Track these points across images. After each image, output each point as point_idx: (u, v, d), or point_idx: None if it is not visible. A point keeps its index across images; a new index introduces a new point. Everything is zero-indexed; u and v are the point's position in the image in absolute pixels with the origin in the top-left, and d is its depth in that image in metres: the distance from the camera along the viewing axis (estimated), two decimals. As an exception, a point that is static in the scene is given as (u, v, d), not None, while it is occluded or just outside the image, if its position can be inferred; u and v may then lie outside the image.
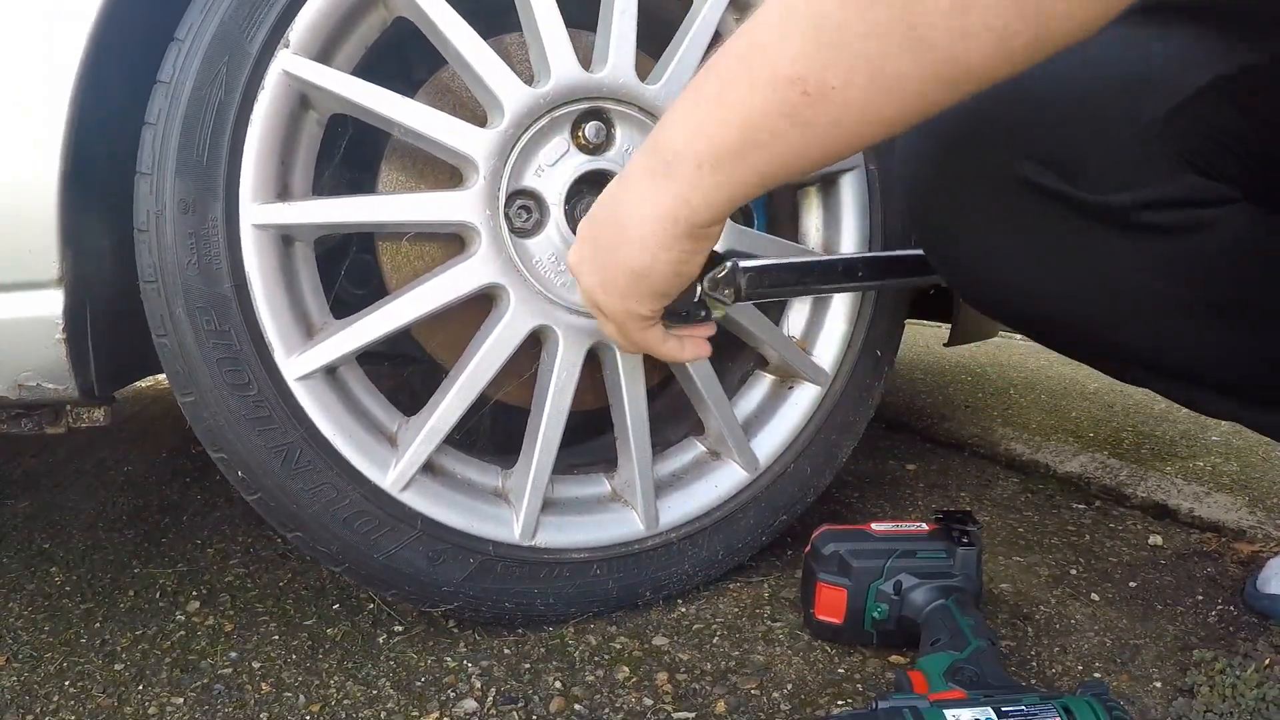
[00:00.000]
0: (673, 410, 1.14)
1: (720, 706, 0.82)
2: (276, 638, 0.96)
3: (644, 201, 0.63)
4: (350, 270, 1.04)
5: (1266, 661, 0.86)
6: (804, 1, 0.50)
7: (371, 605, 1.02)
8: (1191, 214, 0.70)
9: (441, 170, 0.99)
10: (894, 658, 0.90)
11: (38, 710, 0.83)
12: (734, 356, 1.15)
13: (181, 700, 0.84)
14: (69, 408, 0.91)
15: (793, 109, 0.52)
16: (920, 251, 0.88)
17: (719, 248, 0.74)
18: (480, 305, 0.92)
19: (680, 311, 0.77)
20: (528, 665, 0.90)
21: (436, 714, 0.82)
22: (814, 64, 0.50)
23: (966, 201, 0.76)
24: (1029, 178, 0.70)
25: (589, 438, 1.15)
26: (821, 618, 0.91)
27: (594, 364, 0.96)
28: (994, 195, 0.74)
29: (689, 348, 0.79)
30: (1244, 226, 0.71)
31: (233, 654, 0.92)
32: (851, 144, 0.54)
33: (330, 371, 0.88)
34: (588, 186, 0.97)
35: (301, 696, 0.85)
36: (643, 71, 0.96)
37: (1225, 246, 0.71)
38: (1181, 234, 0.71)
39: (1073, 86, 0.69)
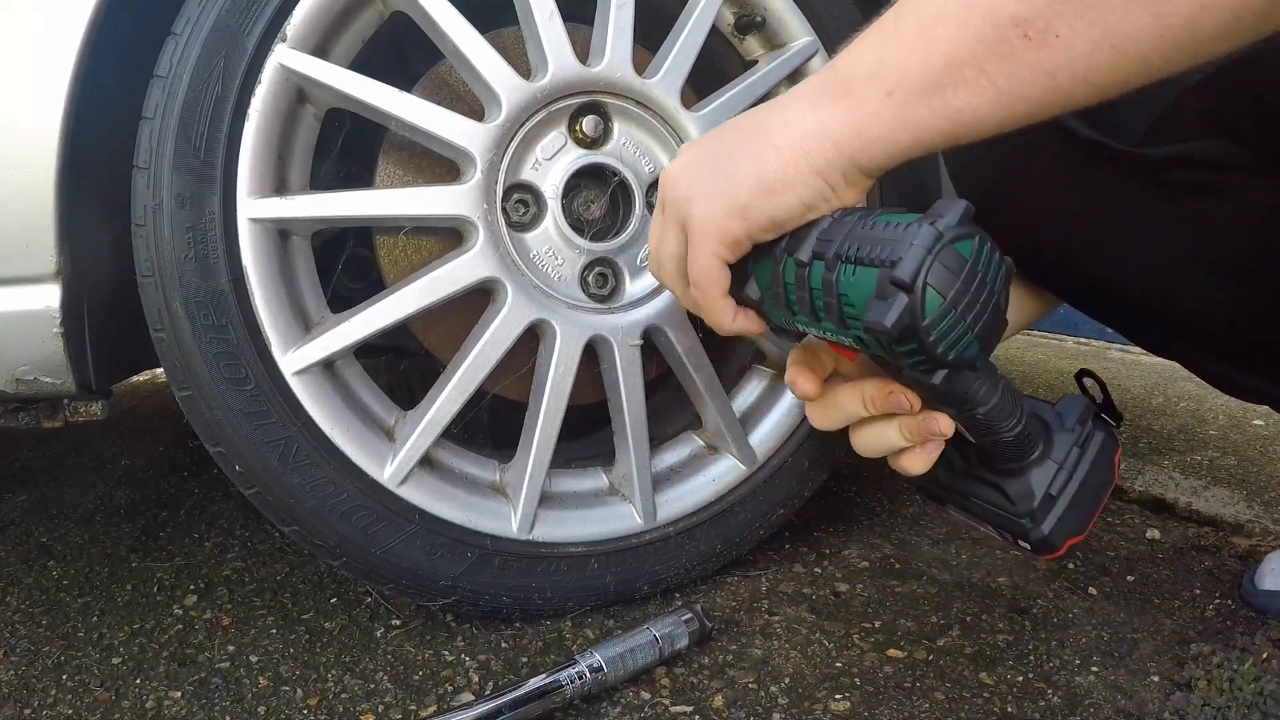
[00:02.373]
0: (670, 404, 1.14)
1: (718, 701, 0.82)
2: (274, 632, 0.96)
3: (804, 116, 0.55)
4: (348, 264, 1.04)
5: (1264, 656, 0.87)
6: None
7: (369, 599, 1.02)
8: (1218, 177, 0.70)
9: (439, 164, 0.99)
10: (891, 652, 0.90)
11: (35, 704, 0.83)
12: (731, 350, 1.15)
13: (179, 694, 0.84)
14: (66, 402, 0.91)
15: (1009, 50, 0.48)
16: None
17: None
18: (478, 299, 0.92)
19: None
20: (525, 659, 0.90)
21: (434, 708, 0.82)
22: (1044, 8, 0.47)
23: (1003, 144, 0.77)
24: (1067, 125, 0.70)
25: (587, 432, 1.15)
26: None
27: (591, 358, 0.96)
28: (1033, 140, 0.73)
29: (741, 319, 0.68)
30: (1265, 196, 0.71)
31: (230, 648, 0.92)
32: (1053, 102, 0.51)
33: (328, 366, 0.88)
34: (585, 180, 0.97)
35: (299, 690, 0.85)
36: (640, 65, 0.96)
37: (1249, 213, 0.71)
38: (1206, 195, 0.70)
39: None
